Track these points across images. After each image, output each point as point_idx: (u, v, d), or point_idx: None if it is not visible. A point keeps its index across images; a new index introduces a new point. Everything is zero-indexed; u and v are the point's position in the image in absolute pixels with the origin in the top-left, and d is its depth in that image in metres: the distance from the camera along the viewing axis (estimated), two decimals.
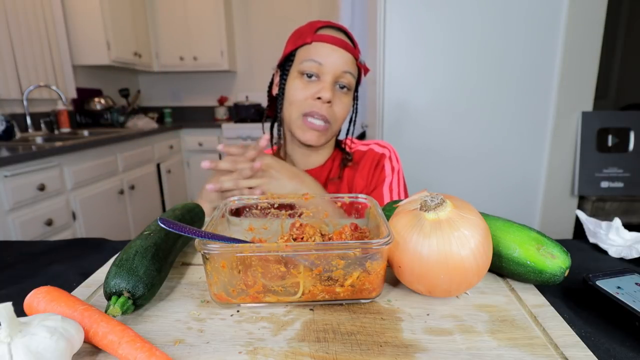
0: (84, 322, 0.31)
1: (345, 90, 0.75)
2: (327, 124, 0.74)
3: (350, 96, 0.77)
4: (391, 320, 0.36)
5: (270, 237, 0.50)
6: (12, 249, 0.57)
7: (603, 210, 1.31)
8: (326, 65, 0.71)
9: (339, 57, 0.72)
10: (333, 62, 0.71)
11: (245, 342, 0.33)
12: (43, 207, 1.68)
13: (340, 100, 0.74)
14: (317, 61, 0.71)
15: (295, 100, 0.74)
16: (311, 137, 0.75)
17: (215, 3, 3.14)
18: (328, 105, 0.73)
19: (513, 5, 1.22)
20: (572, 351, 0.31)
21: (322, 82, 0.72)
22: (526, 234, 0.41)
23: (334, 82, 0.73)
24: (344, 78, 0.73)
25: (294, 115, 0.75)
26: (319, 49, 0.72)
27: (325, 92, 0.71)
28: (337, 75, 0.72)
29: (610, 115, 1.32)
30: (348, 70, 0.73)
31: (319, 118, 0.73)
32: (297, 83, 0.74)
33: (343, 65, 0.72)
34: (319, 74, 0.72)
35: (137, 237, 0.42)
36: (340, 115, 0.75)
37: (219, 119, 3.49)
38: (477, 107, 1.31)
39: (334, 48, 0.72)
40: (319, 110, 0.72)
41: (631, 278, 0.40)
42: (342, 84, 0.74)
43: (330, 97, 0.71)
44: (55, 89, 2.21)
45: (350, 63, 0.73)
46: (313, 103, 0.72)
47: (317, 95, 0.72)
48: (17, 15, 2.13)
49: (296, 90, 0.74)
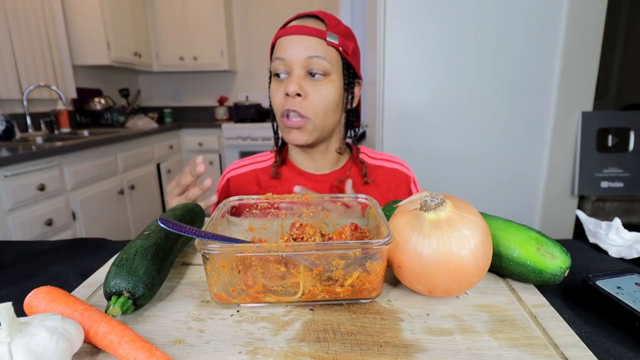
0: (84, 322, 0.31)
1: (320, 77, 0.68)
2: (304, 119, 0.69)
3: (330, 82, 0.69)
4: (391, 320, 0.36)
5: (270, 237, 0.50)
6: (12, 249, 0.57)
7: (603, 210, 1.31)
8: (288, 59, 0.68)
9: (300, 44, 0.67)
10: (293, 53, 0.67)
11: (245, 342, 0.33)
12: (43, 207, 1.68)
13: (315, 89, 0.68)
14: (281, 57, 0.68)
15: (274, 103, 0.72)
16: (293, 137, 0.71)
17: (215, 3, 3.14)
18: (300, 99, 0.68)
19: (513, 5, 1.22)
20: (572, 351, 0.31)
21: (291, 76, 0.69)
22: (526, 234, 0.41)
23: (305, 73, 0.68)
24: (313, 64, 0.67)
25: (277, 118, 0.73)
26: (281, 45, 0.69)
27: (290, 86, 0.67)
28: (303, 64, 0.67)
29: (610, 115, 1.32)
30: (314, 55, 0.67)
31: (294, 115, 0.69)
32: (273, 86, 0.72)
33: (305, 51, 0.67)
34: (287, 70, 0.69)
35: (137, 237, 0.42)
36: (319, 106, 0.69)
37: (219, 119, 3.49)
38: (477, 107, 1.31)
39: (292, 38, 0.68)
40: (290, 106, 0.69)
41: (631, 278, 0.40)
42: (313, 71, 0.68)
43: (296, 90, 0.67)
44: (55, 89, 2.21)
45: (316, 46, 0.67)
46: (285, 101, 0.69)
47: (285, 91, 0.68)
48: (17, 15, 2.13)
49: (272, 93, 0.72)
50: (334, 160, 0.80)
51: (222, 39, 3.21)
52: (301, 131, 0.71)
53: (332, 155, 0.80)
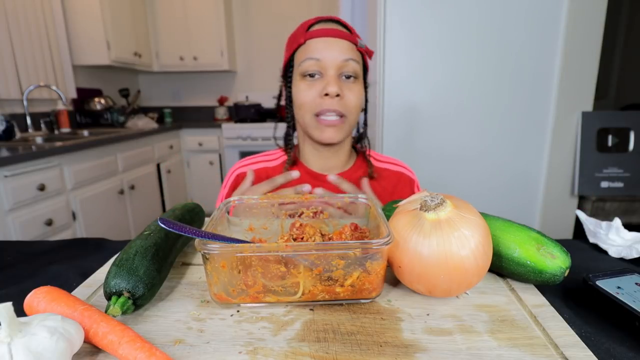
0: (84, 322, 0.31)
1: (352, 79, 0.72)
2: (342, 118, 0.72)
3: (360, 84, 0.74)
4: (391, 320, 0.36)
5: (270, 237, 0.50)
6: (12, 249, 0.57)
7: (603, 210, 1.31)
8: (325, 59, 0.69)
9: (336, 47, 0.69)
10: (331, 54, 0.69)
11: (245, 342, 0.33)
12: (43, 207, 1.68)
13: (350, 90, 0.71)
14: (315, 58, 0.69)
15: (304, 103, 0.72)
16: (329, 135, 0.73)
17: (215, 3, 3.14)
18: (338, 99, 0.70)
19: (513, 5, 1.22)
20: (572, 351, 0.31)
21: (326, 78, 0.70)
22: (526, 234, 0.41)
23: (338, 74, 0.70)
24: (347, 67, 0.70)
25: (307, 117, 0.73)
26: (314, 46, 0.70)
27: (330, 86, 0.68)
28: (339, 66, 0.70)
29: (610, 115, 1.32)
30: (349, 58, 0.70)
31: (331, 115, 0.71)
32: (301, 85, 0.72)
33: (342, 53, 0.69)
34: (321, 70, 0.70)
35: (137, 237, 0.42)
36: (354, 106, 0.72)
37: (219, 119, 3.49)
38: (477, 107, 1.31)
39: (328, 40, 0.70)
40: (329, 106, 0.70)
41: (631, 278, 0.40)
42: (347, 73, 0.71)
43: (337, 90, 0.68)
44: (55, 89, 2.21)
45: (350, 50, 0.71)
46: (322, 101, 0.70)
47: (324, 92, 0.69)
48: (17, 15, 2.13)
49: (302, 92, 0.72)
50: (345, 160, 0.82)
51: (222, 39, 3.21)
52: (337, 129, 0.73)
53: (343, 156, 0.81)
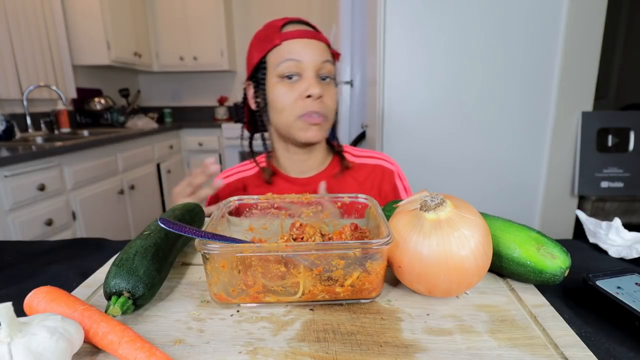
0: (84, 322, 0.31)
1: (329, 80, 0.73)
2: (324, 117, 0.72)
3: (334, 85, 0.75)
4: (391, 320, 0.36)
5: (270, 237, 0.50)
6: (12, 249, 0.57)
7: (603, 210, 1.31)
8: (305, 61, 0.69)
9: (315, 48, 0.70)
10: (311, 56, 0.69)
11: (245, 342, 0.33)
12: (43, 207, 1.68)
13: (328, 91, 0.72)
14: (295, 59, 0.69)
15: (286, 107, 0.71)
16: (313, 134, 0.73)
17: (215, 3, 3.14)
18: (319, 101, 0.70)
19: (513, 6, 1.22)
20: (572, 351, 0.31)
21: (306, 79, 0.70)
22: (526, 234, 0.41)
23: (316, 75, 0.70)
24: (325, 68, 0.71)
25: (289, 119, 0.72)
26: (293, 47, 0.69)
27: (313, 88, 0.68)
28: (318, 67, 0.70)
29: (610, 115, 1.32)
30: (326, 59, 0.71)
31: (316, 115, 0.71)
32: (280, 88, 0.71)
33: (320, 55, 0.70)
34: (300, 71, 0.70)
35: (137, 237, 0.42)
36: (332, 106, 0.74)
37: (219, 119, 3.49)
38: (476, 107, 1.31)
39: (305, 42, 0.69)
40: (313, 108, 0.70)
41: (631, 278, 0.40)
42: (324, 74, 0.71)
43: (320, 92, 0.69)
44: (55, 89, 2.21)
45: (326, 51, 0.71)
46: (304, 103, 0.70)
47: (306, 93, 0.69)
48: (17, 15, 2.13)
49: (282, 95, 0.71)
50: (320, 161, 0.82)
51: (222, 39, 3.21)
52: (320, 128, 0.73)
53: (320, 156, 0.81)
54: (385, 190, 0.81)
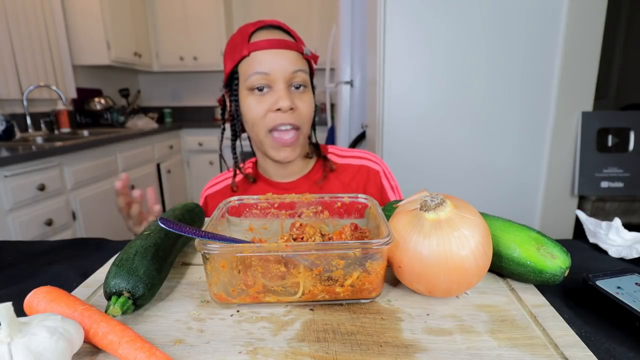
0: (84, 322, 0.31)
1: (302, 88, 0.70)
2: (297, 132, 0.70)
3: (309, 92, 0.72)
4: (391, 320, 0.36)
5: (270, 237, 0.50)
6: (12, 249, 0.57)
7: (603, 210, 1.31)
8: (273, 73, 0.66)
9: (283, 59, 0.67)
10: (279, 67, 0.66)
11: (245, 342, 0.33)
12: (43, 207, 1.68)
13: (301, 100, 0.70)
14: (262, 72, 0.66)
15: (256, 119, 0.69)
16: (285, 154, 0.71)
17: (215, 3, 3.14)
18: (291, 112, 0.68)
19: (513, 5, 1.22)
20: (572, 351, 0.31)
21: (276, 91, 0.67)
22: (526, 234, 0.41)
23: (287, 86, 0.68)
24: (296, 78, 0.68)
25: (260, 134, 0.70)
26: (260, 58, 0.66)
27: (282, 101, 0.66)
28: (287, 78, 0.67)
29: (610, 115, 1.32)
30: (298, 69, 0.68)
31: (287, 129, 0.69)
32: (250, 100, 0.69)
33: (290, 65, 0.67)
34: (269, 83, 0.67)
35: (137, 237, 0.42)
36: (306, 116, 0.71)
37: (219, 119, 3.49)
38: (476, 107, 1.31)
39: (274, 52, 0.66)
40: (282, 120, 0.68)
41: (631, 278, 0.40)
42: (297, 84, 0.69)
43: (289, 105, 0.66)
44: (55, 89, 2.21)
45: (297, 60, 0.68)
46: (275, 116, 0.68)
47: (276, 107, 0.67)
48: (17, 15, 2.13)
49: (252, 108, 0.69)
50: (302, 165, 0.80)
51: (222, 39, 3.21)
52: (294, 147, 0.71)
53: (299, 163, 0.79)
54: (371, 192, 0.80)
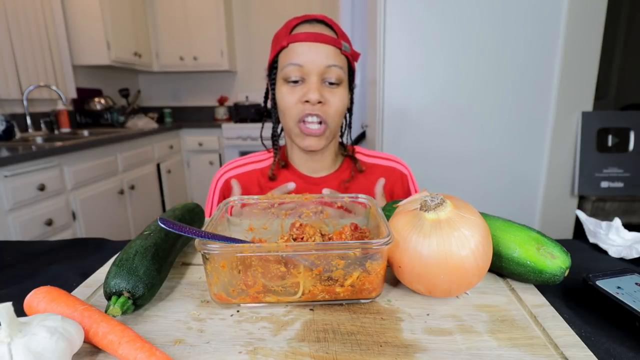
0: (84, 322, 0.31)
1: (335, 85, 0.70)
2: (323, 125, 0.71)
3: (343, 88, 0.72)
4: (391, 320, 0.36)
5: (270, 237, 0.50)
6: (12, 249, 0.57)
7: (603, 210, 1.31)
8: (307, 66, 0.68)
9: (318, 52, 0.68)
10: (313, 60, 0.67)
11: (245, 342, 0.33)
12: (43, 207, 1.68)
13: (333, 96, 0.70)
14: (297, 63, 0.68)
15: (287, 108, 0.71)
16: (310, 143, 0.72)
17: (215, 3, 3.13)
18: (320, 105, 0.69)
19: (513, 5, 1.22)
20: (572, 351, 0.31)
21: (308, 84, 0.69)
22: (526, 234, 0.41)
23: (320, 80, 0.69)
24: (330, 72, 0.69)
25: (290, 123, 0.72)
26: (296, 50, 0.68)
27: (311, 93, 0.67)
28: (321, 72, 0.68)
29: (610, 115, 1.32)
30: (332, 64, 0.68)
31: (313, 121, 0.70)
32: (284, 90, 0.71)
33: (325, 59, 0.68)
34: (303, 76, 0.69)
35: (137, 237, 0.42)
36: (336, 112, 0.71)
37: (219, 119, 3.49)
38: (477, 107, 1.31)
39: (310, 45, 0.67)
40: (310, 111, 0.69)
41: (631, 278, 0.40)
42: (330, 79, 0.69)
43: (318, 98, 0.67)
44: (55, 89, 2.21)
45: (333, 55, 0.69)
46: (303, 107, 0.69)
47: (304, 98, 0.68)
48: (17, 15, 2.13)
49: (284, 97, 0.71)
50: (331, 162, 0.81)
51: (222, 39, 3.21)
52: (319, 138, 0.72)
53: (330, 158, 0.80)
54: (397, 193, 0.81)
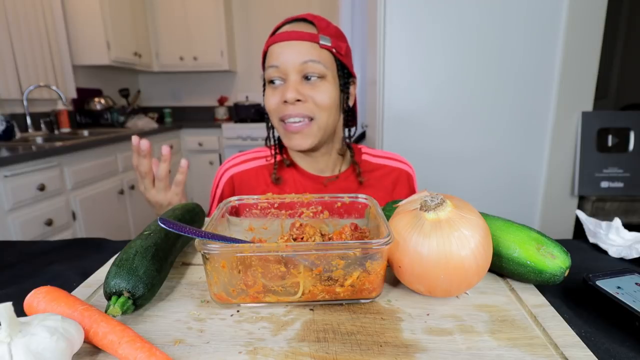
0: (84, 322, 0.31)
1: (316, 79, 0.69)
2: (309, 121, 0.70)
3: (329, 82, 0.70)
4: (391, 320, 0.36)
5: (270, 237, 0.50)
6: (13, 249, 0.57)
7: (603, 210, 1.31)
8: (282, 65, 0.68)
9: (293, 50, 0.67)
10: (287, 59, 0.67)
11: (245, 342, 0.33)
12: (43, 207, 1.68)
13: (314, 90, 0.69)
14: (274, 65, 0.69)
15: (270, 110, 0.72)
16: (297, 142, 0.71)
17: (215, 3, 3.14)
18: (300, 104, 0.69)
19: (513, 5, 1.22)
20: (572, 351, 0.31)
21: (287, 82, 0.69)
22: (526, 234, 0.41)
23: (300, 77, 0.69)
24: (308, 68, 0.68)
25: (275, 124, 0.73)
26: (274, 52, 0.69)
27: (288, 92, 0.67)
28: (298, 69, 0.68)
29: (610, 115, 1.32)
30: (308, 59, 0.67)
31: (294, 120, 0.70)
32: (267, 92, 0.72)
33: (299, 56, 0.67)
34: (282, 76, 0.69)
35: (137, 237, 0.42)
36: (322, 105, 0.69)
37: (219, 119, 3.49)
38: (477, 107, 1.31)
39: (285, 44, 0.68)
40: (291, 112, 0.69)
41: (631, 278, 0.40)
42: (308, 74, 0.68)
43: (295, 96, 0.67)
44: (55, 89, 2.21)
45: (310, 50, 0.68)
46: (284, 107, 0.70)
47: (283, 99, 0.68)
48: (17, 15, 2.13)
49: (268, 99, 0.72)
50: (336, 162, 0.80)
51: (222, 39, 3.21)
52: (304, 135, 0.71)
53: (333, 158, 0.79)
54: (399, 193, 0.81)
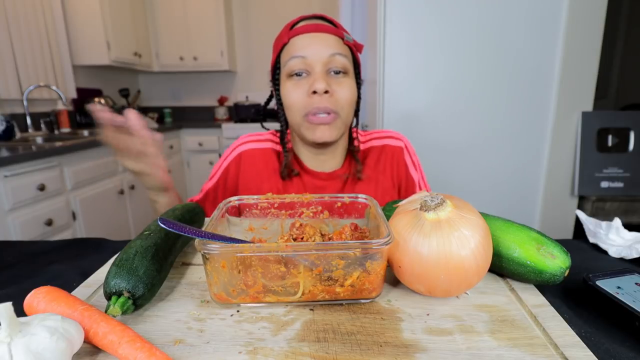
0: (84, 322, 0.31)
1: (342, 74, 0.68)
2: (334, 115, 0.68)
3: (350, 79, 0.70)
4: (391, 320, 0.36)
5: (270, 237, 0.50)
6: (13, 249, 0.57)
7: (603, 210, 1.31)
8: (310, 56, 0.66)
9: (320, 42, 0.66)
10: (316, 50, 0.66)
11: (245, 342, 0.33)
12: (43, 207, 1.68)
13: (340, 85, 0.68)
14: (299, 55, 0.66)
15: (293, 103, 0.69)
16: (321, 134, 0.69)
17: (215, 3, 3.14)
18: (328, 96, 0.66)
19: (513, 5, 1.22)
20: (572, 351, 0.31)
21: (313, 75, 0.67)
22: (526, 234, 0.41)
23: (325, 70, 0.67)
24: (335, 62, 0.67)
25: (297, 118, 0.70)
26: (298, 43, 0.67)
27: (317, 83, 0.65)
28: (325, 61, 0.66)
29: (610, 115, 1.32)
30: (336, 52, 0.67)
31: (322, 113, 0.67)
32: (288, 86, 0.69)
33: (328, 48, 0.66)
34: (307, 68, 0.67)
35: (137, 237, 0.42)
36: (345, 101, 0.68)
37: (219, 119, 3.49)
38: (477, 107, 1.31)
39: (311, 35, 0.66)
40: (318, 104, 0.66)
41: (631, 278, 0.40)
42: (335, 68, 0.67)
43: (325, 87, 0.65)
44: (55, 89, 2.21)
45: (336, 44, 0.67)
46: (311, 100, 0.67)
47: (311, 89, 0.66)
48: (17, 15, 2.13)
49: (290, 92, 0.69)
50: (340, 158, 0.80)
51: (222, 39, 3.21)
52: (330, 127, 0.69)
53: (339, 154, 0.79)
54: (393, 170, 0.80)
